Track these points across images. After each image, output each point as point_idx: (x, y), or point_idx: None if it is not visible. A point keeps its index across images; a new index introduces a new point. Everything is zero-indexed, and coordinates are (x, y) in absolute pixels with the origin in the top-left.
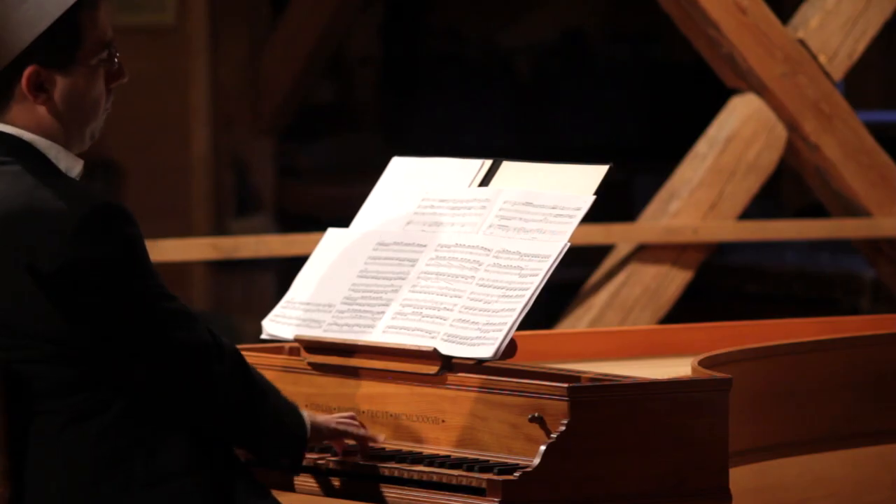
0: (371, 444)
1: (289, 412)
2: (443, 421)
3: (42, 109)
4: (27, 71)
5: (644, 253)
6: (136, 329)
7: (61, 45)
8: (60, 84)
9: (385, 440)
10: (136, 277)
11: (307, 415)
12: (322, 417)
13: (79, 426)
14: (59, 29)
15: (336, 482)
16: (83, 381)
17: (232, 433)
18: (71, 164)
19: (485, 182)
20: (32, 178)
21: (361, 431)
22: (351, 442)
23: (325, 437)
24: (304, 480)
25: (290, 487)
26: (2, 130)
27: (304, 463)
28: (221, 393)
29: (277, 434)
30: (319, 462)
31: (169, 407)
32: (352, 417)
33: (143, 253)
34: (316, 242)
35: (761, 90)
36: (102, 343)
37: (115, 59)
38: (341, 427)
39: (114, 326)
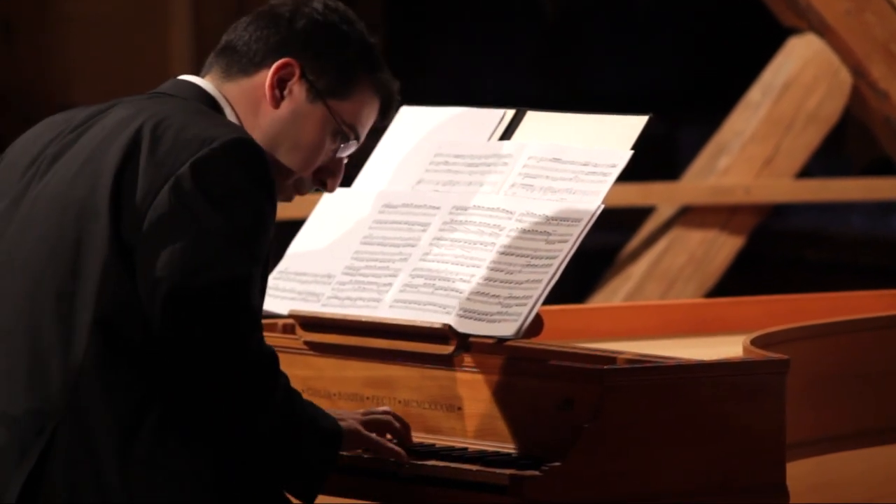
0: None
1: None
2: (458, 408)
3: (265, 112)
4: (288, 60)
5: (689, 216)
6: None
7: (331, 72)
8: (298, 96)
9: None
10: (229, 238)
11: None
12: (348, 424)
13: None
14: (339, 62)
15: (335, 478)
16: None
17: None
18: None
19: (507, 135)
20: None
21: (396, 427)
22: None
23: (355, 447)
24: None
25: None
26: (210, 92)
27: None
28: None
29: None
30: None
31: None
32: (385, 413)
33: (256, 226)
34: (313, 204)
35: (823, 30)
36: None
37: (344, 156)
38: (369, 432)
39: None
